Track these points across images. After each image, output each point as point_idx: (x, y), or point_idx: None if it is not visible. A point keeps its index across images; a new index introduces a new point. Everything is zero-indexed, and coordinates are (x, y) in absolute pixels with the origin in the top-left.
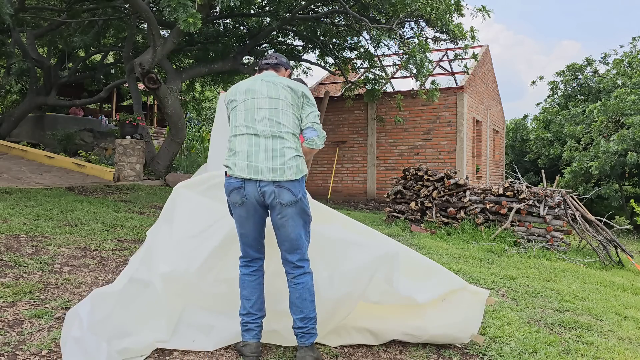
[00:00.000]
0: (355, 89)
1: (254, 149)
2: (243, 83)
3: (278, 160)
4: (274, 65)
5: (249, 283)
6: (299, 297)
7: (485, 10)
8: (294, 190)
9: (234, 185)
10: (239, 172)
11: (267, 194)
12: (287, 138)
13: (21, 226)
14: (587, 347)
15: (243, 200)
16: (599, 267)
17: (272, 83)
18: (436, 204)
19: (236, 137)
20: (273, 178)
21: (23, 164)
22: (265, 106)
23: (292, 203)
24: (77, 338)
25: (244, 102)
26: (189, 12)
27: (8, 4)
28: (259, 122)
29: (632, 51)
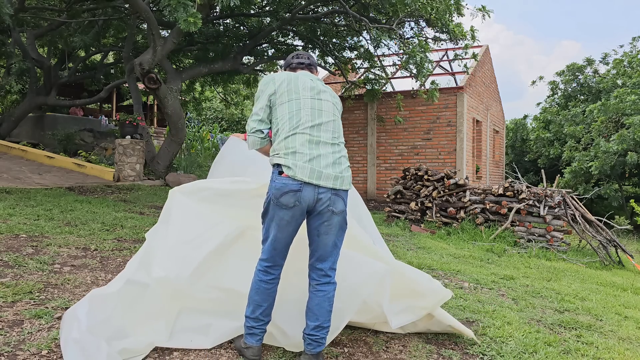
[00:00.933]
0: (355, 89)
1: (316, 153)
2: (299, 77)
3: (337, 168)
4: (308, 65)
5: (265, 290)
6: (317, 305)
7: (485, 10)
8: (345, 200)
9: (290, 187)
10: (300, 175)
11: (322, 201)
12: (342, 147)
13: (21, 226)
14: (587, 347)
15: (296, 204)
16: (599, 267)
17: (328, 90)
18: (436, 204)
19: (296, 136)
20: (334, 185)
21: (23, 164)
22: (331, 111)
23: (342, 212)
24: (76, 339)
25: (310, 99)
26: (189, 12)
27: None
28: (323, 127)
29: (632, 51)
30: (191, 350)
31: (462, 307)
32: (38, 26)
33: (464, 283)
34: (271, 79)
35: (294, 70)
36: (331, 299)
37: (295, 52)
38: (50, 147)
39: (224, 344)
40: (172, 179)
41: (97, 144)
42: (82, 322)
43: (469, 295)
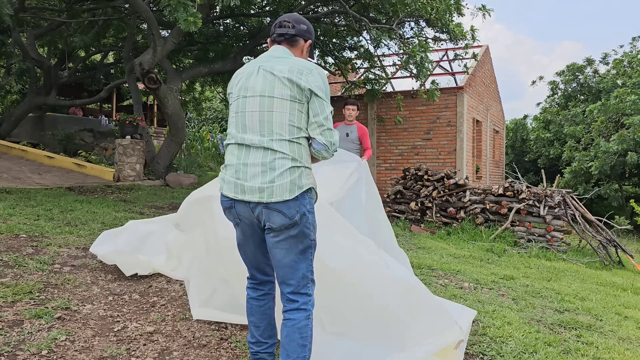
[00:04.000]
0: (355, 89)
1: (242, 163)
2: (242, 71)
3: (268, 176)
4: (290, 38)
5: (257, 308)
6: (286, 337)
7: (485, 9)
8: (288, 212)
9: (224, 205)
10: (227, 191)
11: (260, 217)
12: (279, 149)
13: (21, 226)
14: (587, 347)
15: (237, 222)
16: (599, 267)
17: (270, 73)
18: (436, 204)
19: (227, 147)
20: (260, 199)
21: (23, 164)
22: (257, 108)
23: (286, 227)
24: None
25: (236, 100)
26: (189, 12)
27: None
28: (249, 129)
29: (632, 51)
30: (191, 351)
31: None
32: (38, 26)
33: (464, 283)
34: (232, 79)
35: (272, 44)
36: (303, 330)
37: (280, 17)
38: (50, 147)
39: (224, 343)
40: (172, 179)
41: (97, 144)
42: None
43: (469, 295)
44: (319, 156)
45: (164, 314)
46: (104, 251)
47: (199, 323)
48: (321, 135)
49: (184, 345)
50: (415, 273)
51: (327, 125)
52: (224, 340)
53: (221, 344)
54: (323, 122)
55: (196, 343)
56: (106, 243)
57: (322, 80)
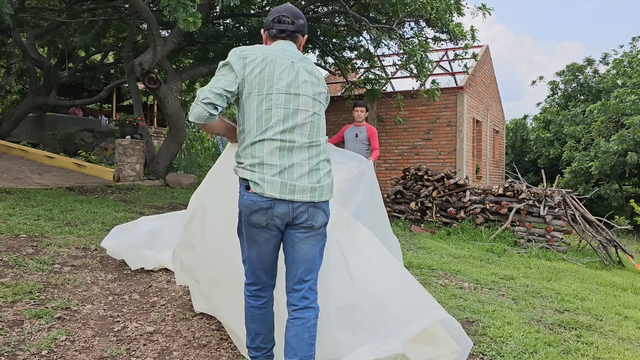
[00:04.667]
0: (355, 89)
1: (288, 163)
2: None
3: (314, 176)
4: (292, 34)
5: (259, 317)
6: (295, 336)
7: (485, 8)
8: (327, 211)
9: (260, 205)
10: (270, 191)
11: (300, 216)
12: (323, 151)
13: (21, 226)
14: (587, 347)
15: (267, 223)
16: (599, 267)
17: (314, 75)
18: (436, 204)
19: (264, 143)
20: (311, 199)
21: (23, 164)
22: (310, 109)
23: (323, 225)
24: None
25: (285, 94)
26: (189, 12)
27: (8, 4)
28: (298, 129)
29: (632, 51)
30: (191, 351)
31: (462, 307)
32: (38, 26)
33: (464, 283)
34: (241, 57)
35: (273, 39)
36: (312, 328)
37: (277, 11)
38: (50, 147)
39: (224, 343)
40: (172, 179)
41: (97, 144)
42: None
43: (469, 295)
44: None
45: (164, 314)
46: (114, 245)
47: (199, 323)
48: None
49: (184, 345)
50: (415, 273)
51: None
52: (224, 340)
53: (221, 344)
54: None
55: (196, 343)
56: (116, 237)
57: None
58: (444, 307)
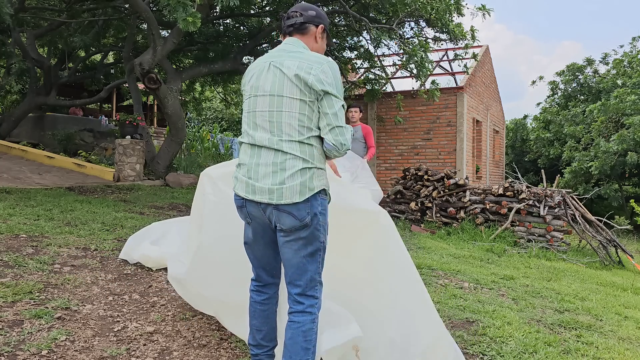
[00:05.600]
0: (355, 89)
1: (254, 162)
2: (254, 67)
3: (278, 176)
4: (299, 27)
5: (261, 312)
6: (290, 339)
7: (485, 9)
8: (298, 214)
9: (237, 203)
10: (239, 190)
11: (271, 218)
12: (289, 150)
13: (21, 226)
14: (587, 347)
15: (248, 221)
16: (599, 267)
17: (280, 70)
18: (436, 204)
19: (241, 146)
20: (269, 200)
21: (23, 164)
22: (267, 108)
23: (295, 228)
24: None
25: (248, 99)
26: (189, 12)
27: (8, 4)
28: (260, 129)
29: (632, 51)
30: (191, 351)
31: (462, 307)
32: (38, 26)
33: (464, 283)
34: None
35: (284, 37)
36: (307, 332)
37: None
38: (50, 147)
39: (224, 343)
40: (172, 179)
41: (97, 144)
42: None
43: (469, 295)
44: (331, 155)
45: (164, 314)
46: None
47: (199, 323)
48: (330, 133)
49: (184, 345)
50: None
51: (336, 123)
52: (224, 340)
53: (221, 344)
54: (332, 120)
55: (196, 343)
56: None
57: (333, 75)
58: (444, 307)
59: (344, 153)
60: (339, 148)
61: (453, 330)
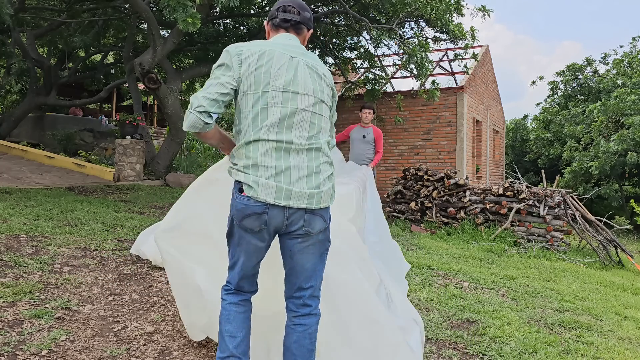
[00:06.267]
0: (355, 89)
1: (285, 165)
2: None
3: (314, 180)
4: (296, 25)
5: (236, 315)
6: (296, 342)
7: (485, 9)
8: (326, 216)
9: (253, 210)
10: (264, 196)
11: (295, 222)
12: (325, 151)
13: (21, 226)
14: (587, 347)
15: (260, 228)
16: (599, 267)
17: (316, 72)
18: (436, 204)
19: (258, 144)
20: (308, 205)
21: (23, 164)
22: (310, 108)
23: (321, 231)
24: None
25: (282, 92)
26: (189, 12)
27: (8, 4)
28: (296, 128)
29: (632, 51)
30: (191, 351)
31: (462, 307)
32: (38, 26)
33: (464, 283)
34: (237, 53)
35: (276, 31)
36: (313, 334)
37: (283, 1)
38: (50, 147)
39: None
40: (172, 179)
41: (97, 144)
42: None
43: (469, 295)
44: None
45: (164, 314)
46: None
47: None
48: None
49: (184, 345)
50: (416, 273)
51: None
52: None
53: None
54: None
55: (196, 343)
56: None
57: None
58: (444, 306)
59: None
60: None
61: (453, 330)
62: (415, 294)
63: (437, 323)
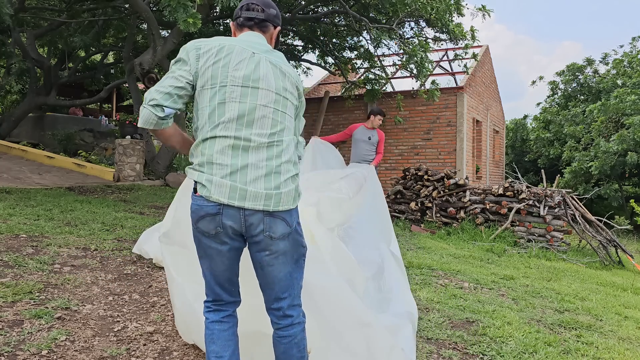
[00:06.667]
0: (355, 89)
1: (241, 163)
2: (233, 47)
3: (273, 180)
4: (261, 22)
5: (220, 334)
6: (284, 353)
7: (485, 9)
8: (290, 220)
9: (207, 211)
10: (217, 195)
11: (254, 226)
12: (287, 150)
13: (21, 226)
14: (587, 347)
15: (216, 231)
16: (599, 267)
17: (280, 69)
18: (436, 204)
19: (215, 140)
20: (265, 207)
21: (23, 164)
22: (271, 105)
23: (285, 236)
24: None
25: (240, 88)
26: (189, 12)
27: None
28: (257, 125)
29: (632, 51)
30: (191, 351)
31: (462, 307)
32: (38, 26)
33: (464, 283)
34: (195, 47)
35: (240, 30)
36: (300, 343)
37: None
38: (50, 147)
39: None
40: (172, 179)
41: (97, 144)
42: None
43: (469, 295)
44: None
45: (164, 314)
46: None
47: None
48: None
49: (183, 345)
50: (416, 273)
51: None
52: None
53: None
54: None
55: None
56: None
57: None
58: (444, 307)
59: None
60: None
61: (453, 330)
62: (416, 294)
63: (437, 323)
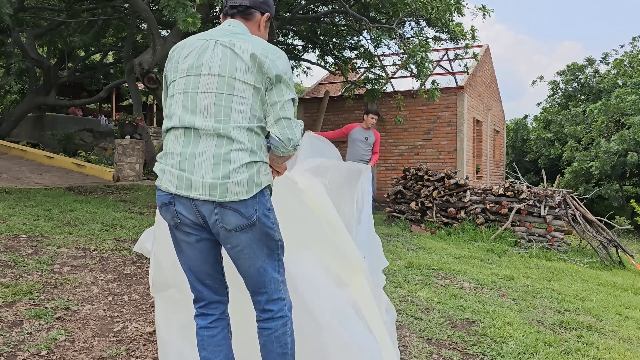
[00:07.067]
0: (355, 88)
1: (190, 152)
2: (190, 43)
3: (221, 169)
4: (244, 10)
5: (209, 340)
6: (264, 346)
7: (485, 9)
8: (245, 211)
9: (162, 200)
10: (166, 184)
11: (207, 217)
12: (237, 137)
13: (21, 226)
14: (587, 347)
15: (175, 222)
16: (600, 267)
17: (231, 50)
18: (436, 204)
19: (169, 132)
20: (211, 197)
21: (23, 164)
22: (214, 89)
23: (242, 228)
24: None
25: (183, 78)
26: (189, 12)
27: (8, 4)
28: (201, 113)
29: (633, 51)
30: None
31: (463, 308)
32: (38, 26)
33: (465, 283)
34: (170, 54)
35: (224, 18)
36: (280, 337)
37: None
38: (50, 147)
39: None
40: None
41: (97, 144)
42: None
43: (469, 296)
44: (277, 153)
45: None
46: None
47: None
48: (276, 125)
49: None
50: (416, 273)
51: (283, 115)
52: None
53: None
54: (279, 111)
55: None
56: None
57: (288, 65)
58: (444, 307)
59: (292, 151)
60: (285, 144)
61: (453, 330)
62: (416, 294)
63: (438, 323)
